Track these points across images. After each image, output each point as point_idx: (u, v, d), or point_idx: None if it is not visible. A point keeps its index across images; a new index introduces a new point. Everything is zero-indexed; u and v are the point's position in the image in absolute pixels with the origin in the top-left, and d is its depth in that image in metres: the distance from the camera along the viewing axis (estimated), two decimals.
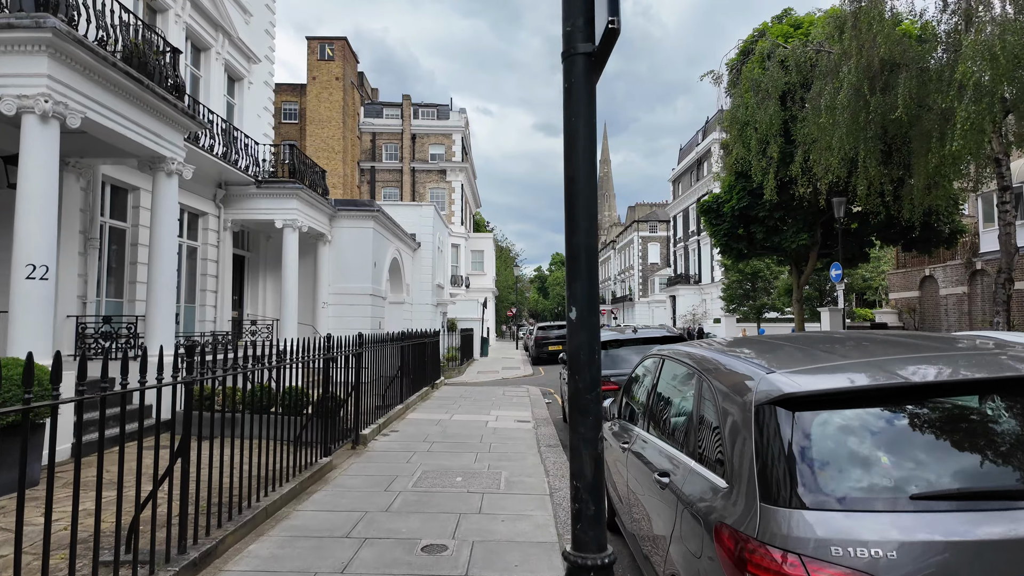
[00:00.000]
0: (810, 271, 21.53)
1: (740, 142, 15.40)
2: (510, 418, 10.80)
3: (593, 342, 1.53)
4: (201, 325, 13.26)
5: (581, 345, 1.52)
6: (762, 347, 3.22)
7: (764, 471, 2.18)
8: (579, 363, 1.54)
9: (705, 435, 2.77)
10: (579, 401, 1.68)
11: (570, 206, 1.45)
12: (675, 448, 3.05)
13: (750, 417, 2.29)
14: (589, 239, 1.49)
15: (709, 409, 2.78)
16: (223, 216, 13.84)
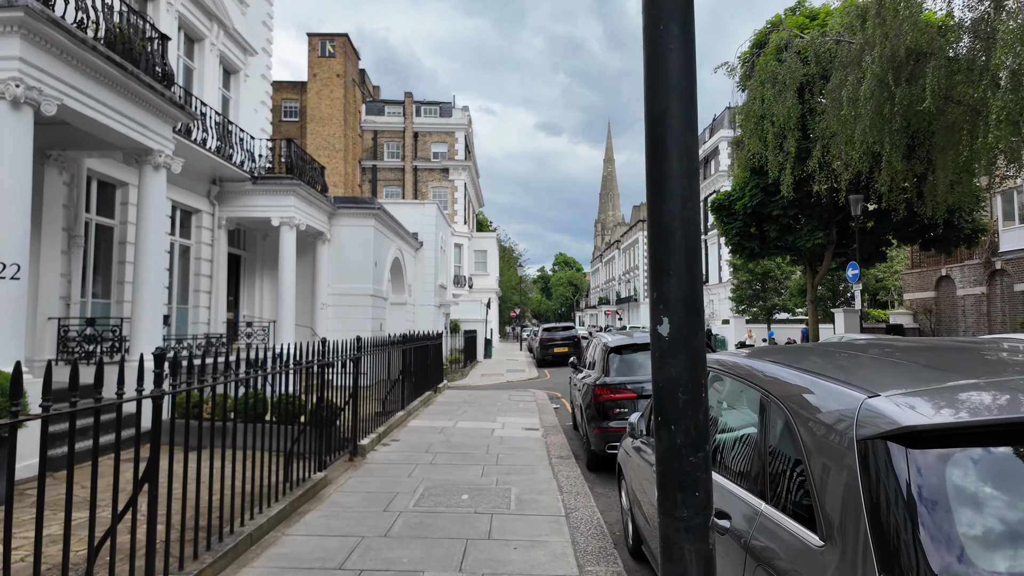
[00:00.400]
0: (825, 271, 20.91)
1: (756, 136, 14.81)
2: (517, 425, 10.24)
3: (697, 372, 0.92)
4: (194, 327, 12.74)
5: (679, 377, 0.92)
6: (837, 359, 2.66)
7: (881, 532, 1.62)
8: (674, 405, 0.92)
9: (779, 472, 2.21)
10: (675, 466, 0.99)
11: (658, 157, 0.91)
12: (734, 483, 2.49)
13: (851, 457, 1.73)
14: (686, 209, 0.94)
15: (784, 440, 2.22)
16: (217, 214, 13.31)
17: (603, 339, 8.19)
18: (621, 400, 7.03)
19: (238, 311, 15.40)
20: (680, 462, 0.85)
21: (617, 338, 7.95)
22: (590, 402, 7.39)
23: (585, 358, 9.77)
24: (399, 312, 21.01)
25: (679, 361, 0.90)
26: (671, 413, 0.87)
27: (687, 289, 0.91)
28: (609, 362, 7.48)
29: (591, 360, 9.04)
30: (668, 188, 0.91)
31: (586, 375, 8.43)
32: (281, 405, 6.72)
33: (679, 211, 0.93)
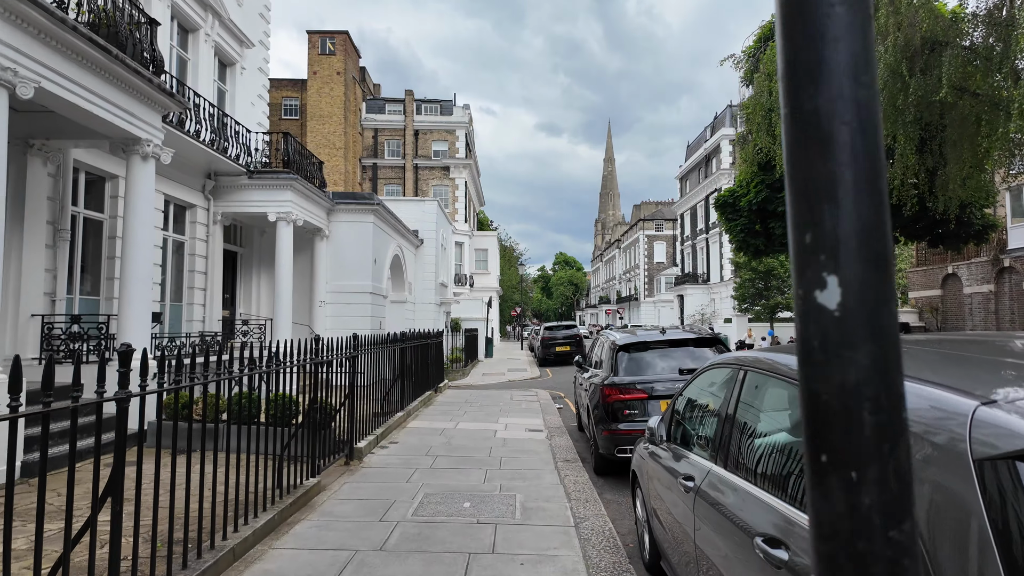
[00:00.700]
0: None
1: (764, 130, 14.43)
2: (521, 426, 9.89)
3: (894, 374, 0.48)
4: (188, 325, 12.38)
5: (862, 384, 0.41)
6: (912, 352, 2.23)
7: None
8: (855, 435, 0.46)
9: None
10: (860, 548, 0.48)
11: None
12: (788, 504, 2.12)
13: (970, 482, 1.35)
14: (864, 87, 0.52)
15: None
16: (213, 209, 12.96)
17: (611, 337, 7.83)
18: (631, 401, 6.68)
19: (235, 309, 15.05)
20: (871, 540, 0.44)
21: (626, 336, 7.59)
22: (598, 403, 7.03)
23: (591, 357, 9.42)
24: (399, 310, 20.65)
25: (863, 355, 0.49)
26: (848, 449, 0.45)
27: (871, 224, 0.53)
28: (618, 361, 7.12)
29: (597, 359, 8.68)
30: (827, 53, 0.52)
31: (592, 375, 8.08)
32: (274, 406, 6.38)
33: (851, 89, 0.53)
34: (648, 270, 71.22)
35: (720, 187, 45.61)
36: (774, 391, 2.54)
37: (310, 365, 6.09)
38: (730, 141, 45.48)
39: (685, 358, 7.05)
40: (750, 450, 2.56)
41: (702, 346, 7.26)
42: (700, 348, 7.24)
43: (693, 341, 7.30)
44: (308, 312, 15.41)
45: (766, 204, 19.78)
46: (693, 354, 7.14)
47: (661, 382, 6.71)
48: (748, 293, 31.85)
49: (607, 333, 8.43)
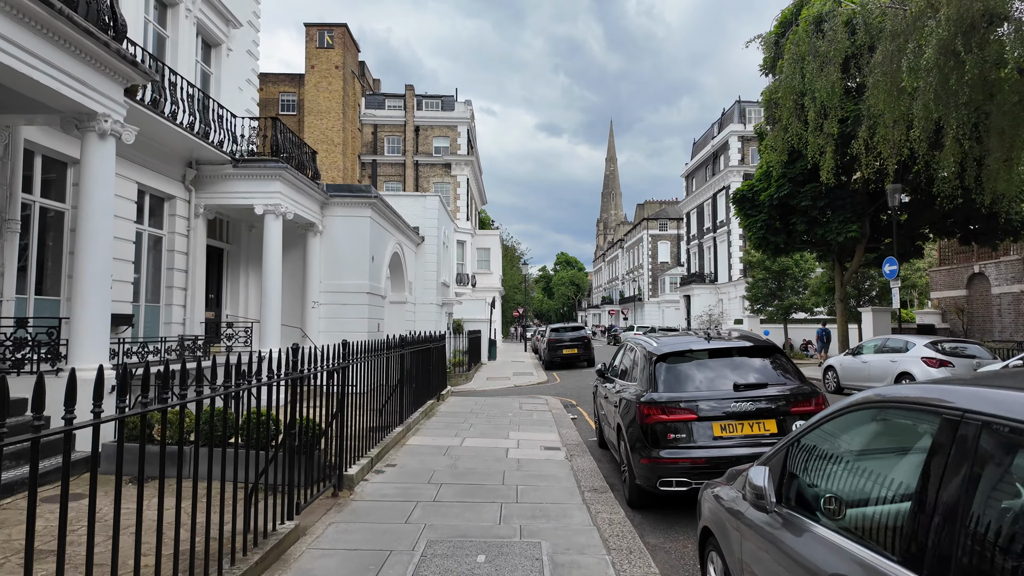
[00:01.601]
0: (856, 267, 19.43)
1: (795, 115, 13.30)
2: (535, 443, 8.76)
3: None
4: (167, 328, 11.27)
5: None
6: None
7: None
8: None
9: None
10: None
11: None
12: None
13: None
14: None
15: None
16: (194, 201, 11.84)
17: (644, 344, 6.70)
18: (675, 423, 5.55)
19: (220, 310, 13.93)
20: None
21: (664, 342, 6.46)
22: (633, 423, 5.91)
23: (616, 365, 8.30)
24: (399, 311, 19.54)
25: None
26: None
27: None
28: (656, 373, 5.99)
29: (624, 368, 7.56)
30: None
31: (621, 388, 6.95)
32: (251, 426, 5.27)
33: None
34: (652, 270, 70.12)
35: (729, 184, 44.50)
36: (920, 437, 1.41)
37: (287, 382, 4.96)
38: (739, 137, 44.41)
39: (738, 370, 5.93)
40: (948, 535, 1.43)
41: (757, 356, 6.14)
42: (754, 358, 6.12)
43: (747, 350, 6.16)
44: (300, 314, 14.30)
45: (788, 199, 18.66)
46: (747, 366, 6.02)
47: (712, 400, 5.59)
48: (761, 293, 30.71)
49: (637, 339, 7.29)
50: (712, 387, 5.78)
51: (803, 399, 5.65)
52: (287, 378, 4.86)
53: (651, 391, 5.88)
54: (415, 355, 10.52)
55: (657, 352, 6.18)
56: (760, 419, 5.52)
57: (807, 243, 20.10)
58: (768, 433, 5.49)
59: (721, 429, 5.49)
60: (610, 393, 7.50)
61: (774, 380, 5.84)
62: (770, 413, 5.54)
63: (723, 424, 5.50)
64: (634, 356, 7.02)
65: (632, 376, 6.87)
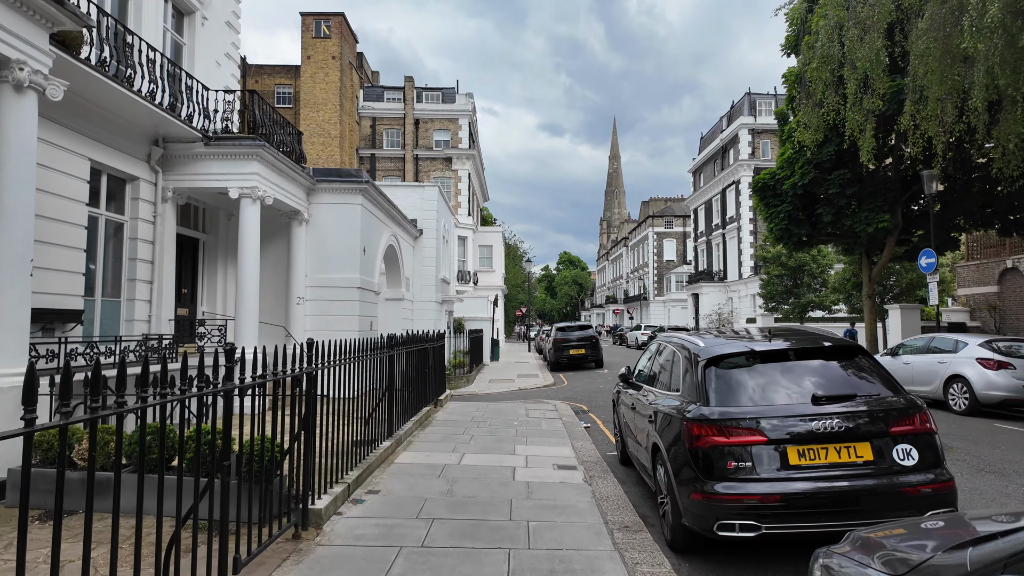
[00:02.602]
0: (886, 260, 18.07)
1: (833, 88, 11.95)
2: (546, 460, 7.46)
3: None
4: (128, 326, 9.99)
5: None
6: None
7: None
8: None
9: None
10: None
11: None
12: None
13: None
14: None
15: None
16: (161, 183, 10.56)
17: (687, 344, 5.38)
18: (737, 447, 4.24)
19: (195, 306, 12.66)
20: None
21: (715, 342, 5.14)
22: (677, 443, 4.61)
23: (641, 369, 7.00)
24: (395, 309, 18.25)
25: None
26: None
27: None
28: (706, 381, 4.68)
29: (654, 371, 6.26)
30: None
31: (655, 397, 5.65)
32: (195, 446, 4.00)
33: None
34: (657, 268, 68.78)
35: (740, 179, 43.16)
36: None
37: (220, 395, 3.66)
38: (749, 130, 43.06)
39: (814, 377, 4.61)
40: None
41: (836, 358, 4.82)
42: (831, 361, 4.80)
43: (822, 351, 4.84)
44: (284, 311, 13.01)
45: (812, 187, 17.31)
46: (825, 371, 4.70)
47: (785, 417, 4.27)
48: (776, 291, 29.35)
49: (676, 337, 5.96)
50: (782, 399, 4.46)
51: (901, 415, 4.34)
52: (213, 392, 3.55)
53: (700, 404, 4.57)
54: (410, 356, 9.23)
55: (707, 354, 4.87)
56: (850, 442, 4.21)
57: (832, 235, 18.75)
58: (861, 461, 4.17)
59: (799, 455, 4.18)
60: (639, 403, 6.19)
61: (861, 390, 4.52)
62: (862, 433, 4.23)
63: (801, 449, 4.19)
64: (671, 359, 5.70)
65: (668, 383, 5.56)
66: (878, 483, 4.08)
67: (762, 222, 42.01)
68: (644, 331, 41.01)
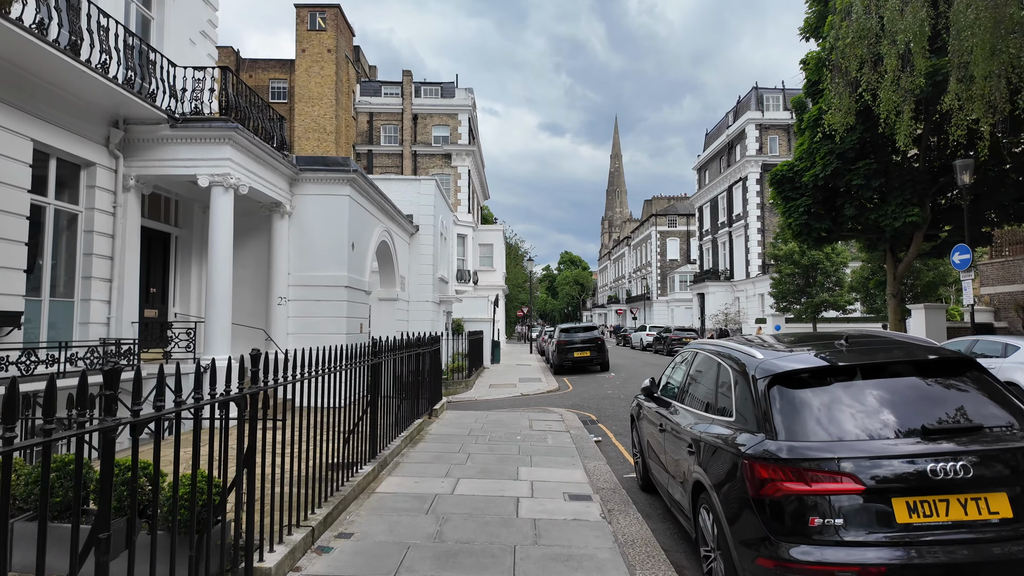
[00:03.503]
0: (912, 257, 16.93)
1: (869, 65, 10.82)
2: (555, 487, 6.34)
3: None
4: (83, 329, 8.89)
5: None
6: None
7: None
8: None
9: None
10: None
11: None
12: None
13: None
14: None
15: None
16: (122, 170, 9.46)
17: (737, 354, 4.27)
18: (821, 497, 3.12)
19: (166, 307, 11.56)
20: None
21: (776, 354, 4.01)
22: (734, 486, 3.51)
23: (669, 382, 5.89)
24: (389, 310, 17.14)
25: None
26: None
27: None
28: (772, 406, 3.56)
29: (686, 386, 5.16)
30: None
31: (694, 420, 4.54)
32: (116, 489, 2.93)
33: None
34: (661, 267, 67.66)
35: (746, 175, 42.03)
36: None
37: (97, 431, 2.55)
38: (757, 125, 41.95)
39: (919, 402, 3.49)
40: None
41: (940, 374, 3.69)
42: (937, 378, 3.68)
43: (922, 365, 3.72)
44: (264, 312, 11.91)
45: (835, 179, 16.18)
46: (931, 392, 3.58)
47: (888, 457, 3.15)
48: (787, 290, 28.21)
49: (720, 345, 4.82)
50: (878, 432, 3.34)
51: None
52: (101, 429, 2.44)
53: (764, 436, 3.45)
54: (399, 364, 8.13)
55: (769, 369, 3.75)
56: (979, 491, 3.09)
57: (853, 231, 17.62)
58: (997, 519, 3.05)
59: (909, 511, 3.06)
60: (670, 424, 5.07)
61: (986, 418, 3.40)
62: (996, 480, 3.11)
63: (912, 501, 3.07)
64: (713, 372, 4.58)
65: (711, 402, 4.44)
66: (1022, 550, 2.96)
67: (770, 219, 40.94)
68: (649, 332, 39.88)
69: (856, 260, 29.48)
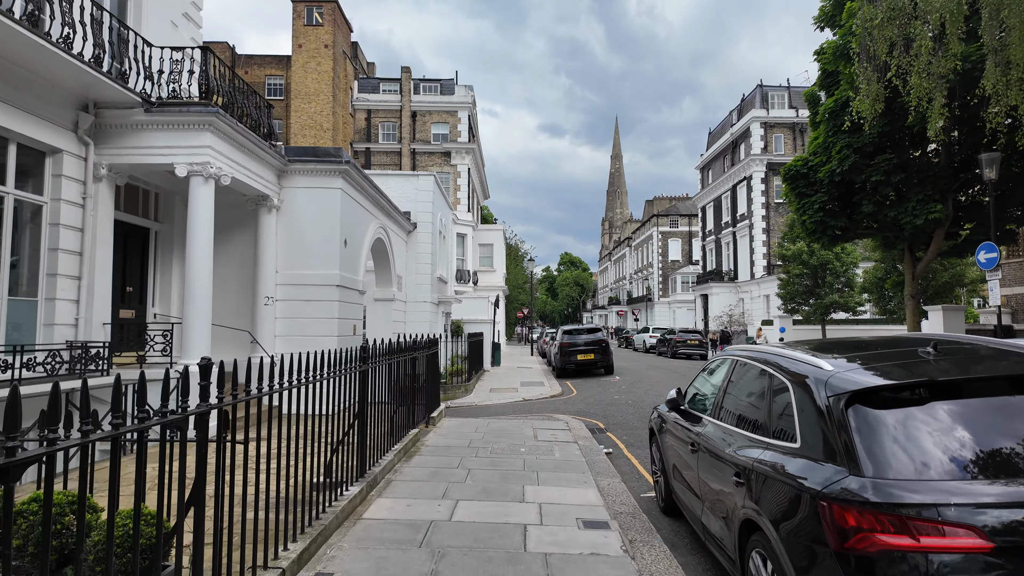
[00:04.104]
0: (932, 256, 16.21)
1: (901, 46, 10.10)
2: (566, 510, 5.60)
3: None
4: (47, 331, 8.13)
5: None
6: None
7: None
8: None
9: None
10: None
11: None
12: None
13: None
14: None
15: None
16: (93, 158, 8.71)
17: (795, 364, 3.53)
18: (932, 555, 2.37)
19: (145, 307, 10.81)
20: None
21: (848, 364, 3.26)
22: (800, 529, 2.79)
23: (699, 393, 5.16)
24: (385, 311, 16.40)
25: None
26: None
27: None
28: (853, 432, 2.82)
29: (723, 400, 4.42)
30: None
31: (740, 442, 3.80)
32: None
33: None
34: (662, 268, 66.92)
35: (751, 174, 41.33)
36: None
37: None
38: (762, 124, 41.24)
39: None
40: None
41: None
42: None
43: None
44: (250, 312, 11.16)
45: (852, 174, 15.45)
46: None
47: (1017, 503, 2.40)
48: (796, 291, 27.48)
49: (770, 352, 4.06)
50: (1000, 469, 2.59)
51: None
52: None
53: (847, 471, 2.71)
54: (392, 370, 7.38)
55: (844, 384, 3.00)
56: None
57: (870, 229, 16.89)
58: None
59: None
60: (704, 441, 4.33)
61: None
62: None
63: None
64: (764, 385, 3.84)
65: (762, 422, 3.70)
66: None
67: (776, 219, 40.21)
68: (652, 333, 39.12)
69: (866, 261, 28.76)
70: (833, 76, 15.83)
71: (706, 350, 32.14)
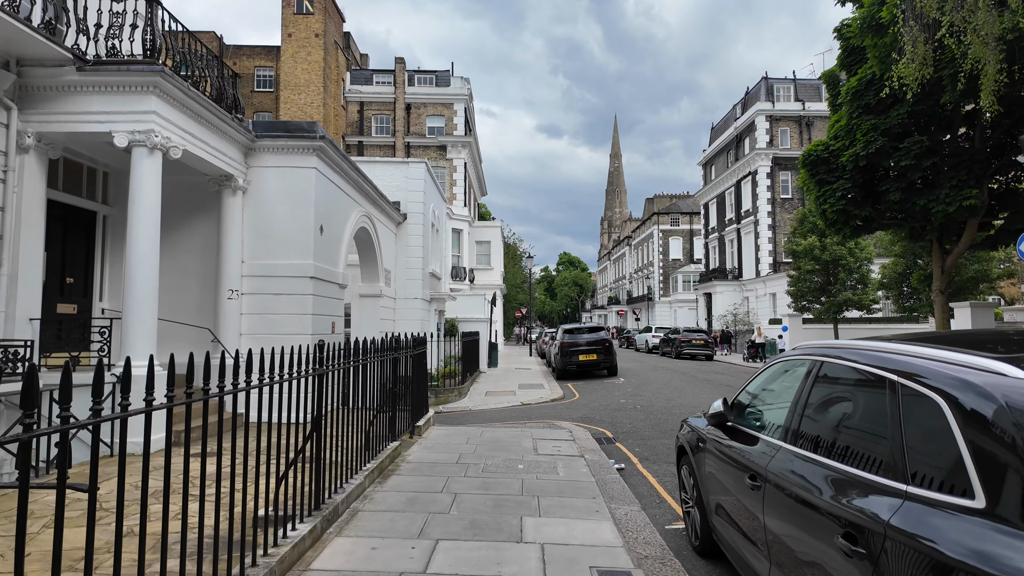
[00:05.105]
0: (965, 247, 14.96)
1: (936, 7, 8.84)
2: (576, 556, 4.33)
3: None
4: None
5: None
6: None
7: None
8: None
9: None
10: None
11: None
12: None
13: None
14: None
15: None
16: (17, 125, 7.42)
17: (949, 368, 2.25)
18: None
19: (90, 301, 9.52)
20: None
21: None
22: None
23: (758, 407, 3.91)
24: (371, 307, 15.12)
25: None
26: None
27: None
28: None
29: (800, 422, 3.17)
30: None
31: (855, 492, 2.52)
32: None
33: None
34: (663, 267, 65.71)
35: (756, 169, 40.11)
36: None
37: None
38: (767, 117, 40.04)
39: None
40: None
41: None
42: None
43: None
44: (212, 307, 9.87)
45: (878, 158, 14.21)
46: None
47: None
48: (806, 288, 26.25)
49: (890, 352, 2.78)
50: None
51: None
52: None
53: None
54: (363, 373, 6.12)
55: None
56: None
57: (895, 219, 15.64)
58: None
59: None
60: (775, 476, 3.07)
61: None
62: None
63: None
64: (885, 402, 2.56)
65: (884, 458, 2.43)
66: None
67: (782, 214, 38.99)
68: (655, 333, 37.87)
69: (881, 257, 27.53)
70: (857, 53, 14.60)
71: (712, 350, 30.94)
